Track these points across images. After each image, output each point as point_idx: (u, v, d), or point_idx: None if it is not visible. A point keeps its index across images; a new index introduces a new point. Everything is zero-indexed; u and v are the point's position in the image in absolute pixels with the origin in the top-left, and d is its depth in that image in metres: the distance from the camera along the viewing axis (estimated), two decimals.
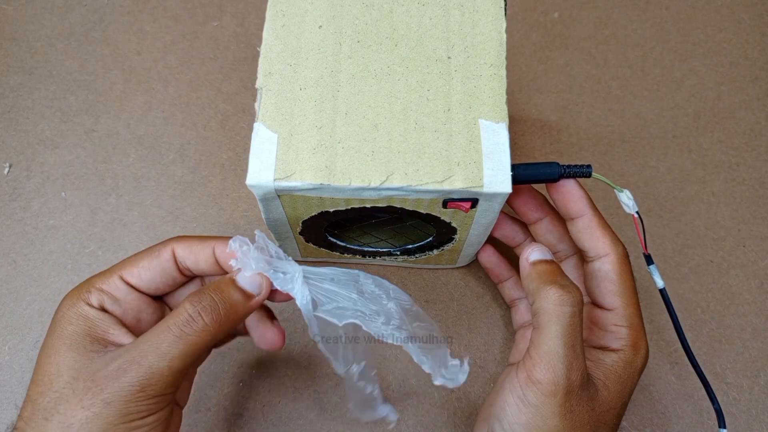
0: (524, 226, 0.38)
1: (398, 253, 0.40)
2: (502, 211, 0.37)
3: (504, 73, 0.33)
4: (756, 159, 0.47)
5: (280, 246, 0.39)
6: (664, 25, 0.53)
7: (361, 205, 0.32)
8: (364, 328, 0.29)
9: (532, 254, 0.32)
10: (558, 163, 0.32)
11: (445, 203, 0.32)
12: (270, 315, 0.33)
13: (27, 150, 0.46)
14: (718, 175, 0.46)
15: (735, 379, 0.39)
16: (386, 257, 0.41)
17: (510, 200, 0.35)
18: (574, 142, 0.47)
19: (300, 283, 0.30)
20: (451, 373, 0.31)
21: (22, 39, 0.51)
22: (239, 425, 0.38)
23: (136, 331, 0.29)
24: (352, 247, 0.40)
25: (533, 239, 0.37)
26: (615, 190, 0.33)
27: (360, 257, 0.41)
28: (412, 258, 0.40)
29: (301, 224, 0.35)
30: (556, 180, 0.32)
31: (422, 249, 0.39)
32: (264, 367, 0.39)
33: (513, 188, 0.31)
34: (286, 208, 0.33)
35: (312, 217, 0.34)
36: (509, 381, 0.30)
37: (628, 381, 0.31)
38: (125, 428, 0.25)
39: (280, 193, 0.31)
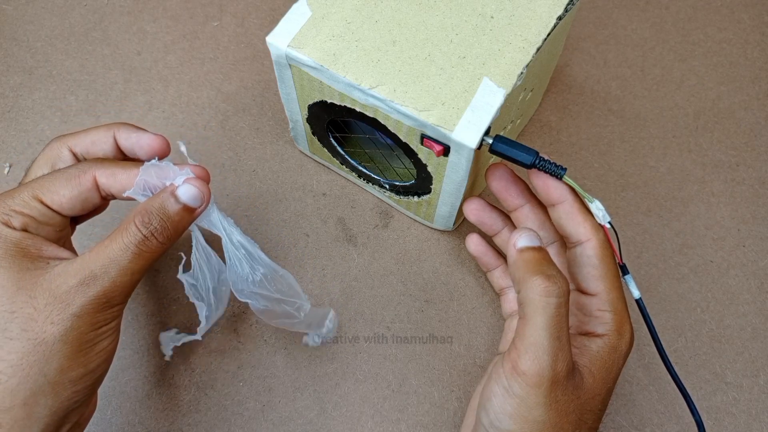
0: (504, 215, 0.38)
1: (387, 186, 0.42)
2: (482, 197, 0.38)
3: (533, 51, 0.34)
4: (756, 159, 0.47)
5: (292, 128, 0.43)
6: (664, 25, 0.53)
7: (352, 106, 0.35)
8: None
9: (519, 240, 0.31)
10: (537, 153, 0.31)
11: (422, 140, 0.34)
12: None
13: (27, 150, 0.46)
14: (717, 175, 0.46)
15: (735, 379, 0.39)
16: (377, 186, 0.43)
17: (491, 184, 0.35)
18: (574, 142, 0.47)
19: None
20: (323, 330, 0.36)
21: (22, 39, 0.51)
22: (239, 425, 0.38)
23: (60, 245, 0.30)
24: (349, 160, 0.42)
25: (513, 228, 0.37)
26: (585, 200, 0.32)
27: (356, 176, 0.44)
28: (397, 197, 0.42)
29: (307, 109, 0.39)
30: (528, 167, 0.32)
31: (406, 190, 0.41)
32: (264, 367, 0.39)
33: (497, 174, 0.34)
34: (295, 82, 0.37)
35: (315, 104, 0.38)
36: (495, 371, 0.30)
37: (613, 366, 0.31)
38: (94, 335, 0.28)
39: (291, 63, 0.35)
